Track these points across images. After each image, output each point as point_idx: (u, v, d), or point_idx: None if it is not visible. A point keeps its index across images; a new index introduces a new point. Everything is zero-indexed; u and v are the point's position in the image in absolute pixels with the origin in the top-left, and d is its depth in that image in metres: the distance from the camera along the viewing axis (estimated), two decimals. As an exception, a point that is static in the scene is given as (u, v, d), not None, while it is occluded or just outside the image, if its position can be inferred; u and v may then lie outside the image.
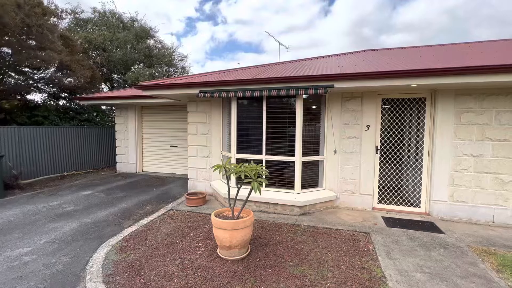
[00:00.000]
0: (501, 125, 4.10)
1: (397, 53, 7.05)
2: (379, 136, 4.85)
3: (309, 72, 4.90)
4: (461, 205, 4.32)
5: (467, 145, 4.26)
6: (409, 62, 4.99)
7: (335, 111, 4.94)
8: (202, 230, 3.96)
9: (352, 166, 4.90)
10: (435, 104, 4.44)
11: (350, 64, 5.54)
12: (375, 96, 4.75)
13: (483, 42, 7.74)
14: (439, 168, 4.41)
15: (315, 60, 7.75)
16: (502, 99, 4.09)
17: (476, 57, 4.88)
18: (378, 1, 60.72)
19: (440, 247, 3.39)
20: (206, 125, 5.88)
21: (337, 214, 4.63)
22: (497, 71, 3.56)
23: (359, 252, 3.26)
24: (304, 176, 4.91)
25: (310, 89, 4.39)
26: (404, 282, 2.64)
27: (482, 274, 2.79)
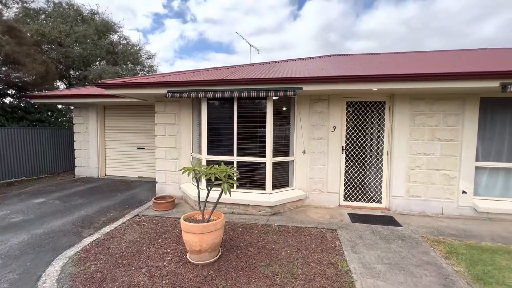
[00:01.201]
0: (447, 126, 4.58)
1: (360, 59, 7.51)
2: (344, 137, 5.11)
3: (279, 74, 5.01)
4: (416, 199, 4.73)
5: (420, 144, 4.68)
6: (370, 68, 5.35)
7: (304, 113, 5.11)
8: (171, 235, 3.82)
9: (320, 165, 5.10)
10: (393, 107, 4.81)
11: (317, 68, 5.77)
12: (340, 99, 5.00)
13: (433, 51, 8.58)
14: (397, 166, 4.79)
15: (284, 63, 7.93)
16: (448, 103, 4.57)
17: (428, 65, 5.39)
18: (342, 8, 64.23)
19: (398, 239, 3.67)
20: (175, 126, 5.69)
21: (306, 213, 4.78)
22: (443, 78, 3.97)
23: (327, 248, 3.40)
24: (274, 177, 4.99)
25: (280, 91, 4.48)
26: (367, 274, 2.81)
27: (433, 261, 3.08)
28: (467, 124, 4.49)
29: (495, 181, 4.61)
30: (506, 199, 4.55)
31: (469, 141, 4.50)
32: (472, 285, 2.62)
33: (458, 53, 7.54)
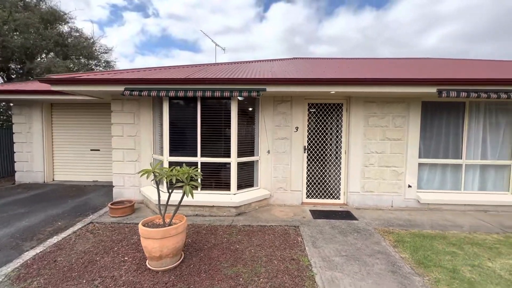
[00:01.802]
0: (396, 127, 5.06)
1: (321, 63, 7.90)
2: (306, 137, 5.33)
3: (244, 75, 5.03)
4: (370, 194, 5.13)
5: (373, 144, 5.09)
6: (330, 71, 5.67)
7: (268, 113, 5.21)
8: (129, 242, 3.59)
9: (284, 165, 5.25)
10: (349, 109, 5.16)
11: (281, 70, 5.93)
12: (302, 101, 5.21)
13: (385, 58, 9.40)
14: (353, 164, 5.15)
15: (250, 63, 8.00)
16: (396, 106, 5.05)
17: (379, 71, 5.88)
18: (307, 13, 66.97)
19: (354, 232, 3.95)
20: (134, 126, 5.36)
21: (271, 211, 4.88)
22: (391, 83, 4.38)
23: (290, 245, 3.51)
24: (240, 177, 5.00)
25: (244, 91, 4.50)
26: (326, 267, 2.97)
27: (383, 250, 3.38)
28: (412, 125, 5.01)
29: (434, 175, 5.22)
30: (442, 191, 5.17)
31: (413, 140, 5.03)
32: (415, 269, 2.92)
33: (405, 61, 8.37)
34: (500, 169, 5.16)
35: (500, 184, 5.18)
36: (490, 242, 3.59)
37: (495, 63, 7.71)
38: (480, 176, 5.19)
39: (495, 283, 2.65)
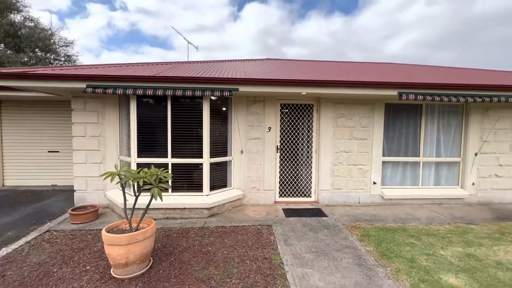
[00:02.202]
0: (362, 127, 5.35)
1: (293, 64, 8.08)
2: (279, 137, 5.42)
3: (217, 74, 4.96)
4: (339, 192, 5.36)
5: (342, 143, 5.33)
6: (301, 73, 5.81)
7: (241, 113, 5.20)
8: (92, 250, 3.36)
9: (257, 165, 5.28)
10: (320, 110, 5.33)
11: (254, 70, 5.95)
12: (275, 101, 5.28)
13: (353, 62, 9.89)
14: (324, 162, 5.34)
15: (223, 63, 7.92)
16: (362, 108, 5.33)
17: (347, 74, 6.16)
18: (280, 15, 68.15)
19: (324, 228, 4.09)
20: (98, 125, 5.02)
21: (244, 211, 4.88)
22: (358, 86, 4.62)
23: (262, 244, 3.54)
24: (213, 177, 4.93)
25: (217, 91, 4.44)
26: (297, 264, 3.04)
27: (351, 245, 3.55)
28: (376, 125, 5.33)
29: (396, 172, 5.61)
30: (403, 187, 5.58)
31: (378, 140, 5.35)
32: (379, 261, 3.11)
33: (371, 65, 8.88)
34: (451, 166, 5.70)
35: (452, 179, 5.72)
36: (443, 232, 3.94)
37: (448, 69, 8.50)
38: (435, 172, 5.68)
39: (447, 269, 2.92)
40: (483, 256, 3.22)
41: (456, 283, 2.65)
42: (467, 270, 2.90)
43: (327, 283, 2.68)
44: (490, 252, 3.32)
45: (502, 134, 5.54)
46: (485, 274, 2.83)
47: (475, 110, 5.46)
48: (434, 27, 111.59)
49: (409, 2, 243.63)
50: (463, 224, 4.32)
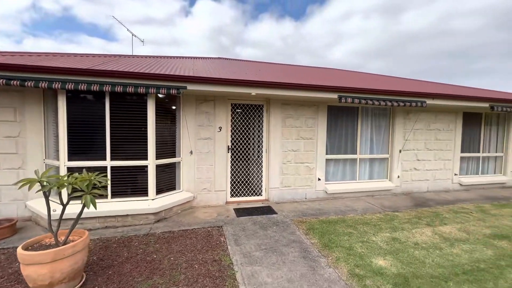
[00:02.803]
0: (308, 127, 5.70)
1: (244, 65, 8.15)
2: (230, 136, 5.40)
3: (163, 70, 4.69)
4: (288, 189, 5.62)
5: (289, 142, 5.59)
6: (251, 74, 5.90)
7: (190, 112, 5.01)
8: (6, 272, 2.82)
9: (208, 165, 5.17)
10: (269, 110, 5.49)
11: (204, 69, 5.81)
12: (225, 101, 5.24)
13: (301, 66, 10.46)
14: (273, 161, 5.52)
15: (171, 59, 7.54)
16: (308, 109, 5.68)
17: (295, 77, 6.49)
18: (233, 15, 68.18)
19: (273, 225, 4.23)
20: (16, 124, 4.25)
21: (194, 214, 4.73)
22: (303, 88, 4.90)
23: (212, 246, 3.47)
24: (159, 180, 4.64)
25: (163, 88, 4.20)
26: (247, 263, 3.07)
27: (297, 239, 3.74)
28: (320, 126, 5.74)
29: (337, 169, 6.14)
30: (343, 182, 6.14)
31: (322, 139, 5.77)
32: (321, 252, 3.35)
33: (316, 70, 9.53)
34: (382, 162, 6.50)
35: (382, 173, 6.52)
36: (375, 221, 4.47)
37: (381, 77, 9.67)
38: (369, 168, 6.40)
39: (377, 253, 3.31)
40: (404, 239, 3.74)
41: (384, 264, 3.03)
42: (392, 252, 3.34)
43: (275, 278, 2.77)
44: (410, 235, 3.89)
45: (419, 133, 6.55)
46: (406, 254, 3.30)
47: (399, 113, 6.34)
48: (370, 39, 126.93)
49: (349, 15, 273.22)
50: (390, 212, 4.96)
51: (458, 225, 4.30)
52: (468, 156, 7.23)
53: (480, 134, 7.31)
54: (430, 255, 3.27)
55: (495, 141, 7.52)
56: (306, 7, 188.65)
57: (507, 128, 7.48)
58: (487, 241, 3.70)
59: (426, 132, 6.61)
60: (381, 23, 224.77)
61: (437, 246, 3.54)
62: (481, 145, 7.34)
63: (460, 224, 4.37)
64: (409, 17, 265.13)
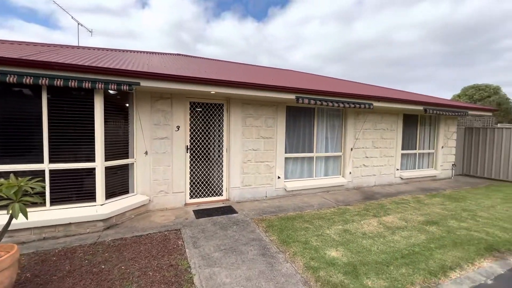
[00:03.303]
0: (268, 127, 5.81)
1: (205, 63, 7.97)
2: (188, 136, 5.22)
3: (113, 64, 4.32)
4: (248, 188, 5.66)
5: (250, 142, 5.63)
6: (211, 72, 5.79)
7: (145, 110, 4.72)
8: None
9: (165, 166, 4.93)
10: (229, 109, 5.46)
11: (161, 65, 5.52)
12: (184, 99, 5.05)
13: (263, 67, 10.62)
14: (234, 161, 5.50)
15: (124, 53, 7.03)
16: (268, 109, 5.79)
17: (256, 77, 6.56)
18: (195, 11, 66.18)
19: (234, 225, 4.22)
20: None
21: (150, 218, 4.46)
22: (263, 88, 4.98)
23: (169, 251, 3.32)
24: (110, 184, 4.27)
25: (112, 84, 3.87)
26: (205, 265, 3.00)
27: (257, 237, 3.79)
28: (279, 125, 5.90)
29: (296, 167, 6.39)
30: (301, 179, 6.42)
31: (281, 138, 5.95)
32: (280, 248, 3.45)
33: (276, 71, 9.78)
34: (336, 159, 6.96)
35: (336, 170, 6.99)
36: (329, 215, 4.76)
37: (335, 80, 10.33)
38: (325, 165, 6.80)
39: (330, 245, 3.53)
40: (354, 230, 4.06)
41: (336, 255, 3.24)
42: (343, 243, 3.60)
43: (234, 277, 2.76)
44: (359, 226, 4.23)
45: (367, 133, 7.17)
46: (355, 244, 3.58)
47: (350, 114, 6.85)
48: (327, 44, 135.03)
49: (308, 19, 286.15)
50: (343, 206, 5.34)
51: (399, 215, 4.82)
52: (408, 153, 8.16)
53: (416, 134, 8.31)
54: (376, 243, 3.61)
55: (428, 139, 8.62)
56: (268, 8, 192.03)
57: (437, 128, 8.64)
58: (421, 227, 4.23)
59: (374, 131, 7.27)
60: (337, 30, 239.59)
61: (381, 234, 3.92)
62: (418, 143, 8.35)
63: (400, 213, 4.91)
64: (360, 26, 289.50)
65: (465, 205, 5.59)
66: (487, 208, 5.36)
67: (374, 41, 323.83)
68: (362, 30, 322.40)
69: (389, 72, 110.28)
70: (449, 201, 5.86)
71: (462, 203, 5.75)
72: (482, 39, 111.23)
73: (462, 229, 4.18)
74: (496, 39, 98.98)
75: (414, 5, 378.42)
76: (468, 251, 3.45)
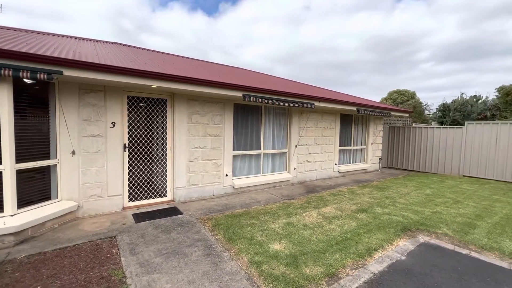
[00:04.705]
0: (215, 124, 5.71)
1: (147, 54, 7.37)
2: (126, 133, 4.76)
3: (26, 48, 3.64)
4: (195, 187, 5.48)
5: (196, 139, 5.45)
6: (154, 65, 5.38)
7: (71, 104, 4.11)
8: None
9: (98, 167, 4.39)
10: (174, 105, 5.17)
11: (91, 53, 4.88)
12: (120, 92, 4.57)
13: (211, 62, 10.36)
14: (179, 159, 5.25)
15: (46, 36, 6.04)
16: (215, 106, 5.68)
17: (203, 73, 6.35)
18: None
19: (178, 226, 4.03)
20: None
21: (79, 226, 3.93)
22: (208, 84, 4.86)
23: (101, 262, 2.97)
24: (24, 190, 3.61)
25: (25, 71, 3.25)
26: (144, 273, 2.79)
27: (202, 237, 3.69)
28: (227, 123, 5.86)
29: (244, 164, 6.45)
30: (249, 176, 6.52)
31: (229, 136, 5.91)
32: (225, 246, 3.43)
33: (224, 67, 9.67)
34: (282, 156, 7.27)
35: (282, 166, 7.31)
36: (274, 209, 4.94)
37: (281, 79, 10.75)
38: (272, 162, 7.04)
39: (274, 239, 3.66)
40: (297, 222, 4.31)
41: (279, 248, 3.38)
42: (286, 236, 3.78)
43: (175, 282, 2.63)
44: (301, 218, 4.50)
45: (310, 131, 7.68)
46: (297, 235, 3.80)
47: (295, 113, 7.23)
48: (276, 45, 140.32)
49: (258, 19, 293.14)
50: (287, 200, 5.61)
51: (335, 205, 5.31)
52: (344, 149, 9.04)
53: (351, 131, 9.27)
54: (315, 233, 3.89)
55: (361, 137, 9.71)
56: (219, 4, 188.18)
57: (368, 127, 9.79)
58: (353, 215, 4.73)
59: (315, 129, 7.83)
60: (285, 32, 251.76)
61: (320, 224, 4.25)
62: (352, 140, 9.33)
63: (336, 204, 5.41)
64: (306, 30, 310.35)
65: (388, 193, 6.48)
66: (404, 195, 6.32)
67: (319, 46, 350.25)
68: (309, 34, 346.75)
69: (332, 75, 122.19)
70: (376, 191, 6.71)
71: (386, 191, 6.65)
72: (404, 51, 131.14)
73: (384, 215, 4.82)
74: (412, 52, 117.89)
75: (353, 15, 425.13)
76: (388, 233, 3.99)
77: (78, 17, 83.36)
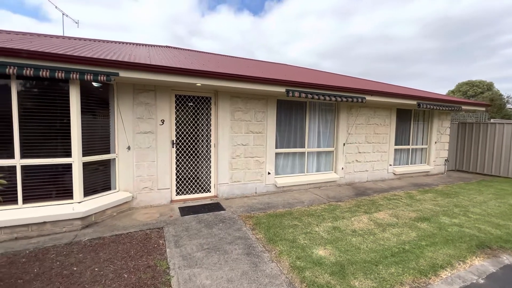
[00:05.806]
0: (257, 121, 5.62)
1: (194, 55, 7.70)
2: (174, 130, 5.00)
3: (90, 54, 4.06)
4: (237, 184, 5.49)
5: (239, 136, 5.44)
6: (198, 64, 5.55)
7: (127, 103, 4.48)
8: None
9: (149, 162, 4.72)
10: (217, 103, 5.25)
11: (144, 55, 5.26)
12: (169, 91, 4.82)
13: (255, 60, 10.36)
14: (222, 156, 5.31)
15: (107, 43, 6.72)
16: (258, 102, 5.59)
17: (245, 70, 6.33)
18: (189, 3, 64.86)
19: (220, 222, 4.06)
20: None
21: (133, 216, 4.27)
22: (252, 80, 4.77)
23: (148, 251, 3.14)
24: (89, 180, 4.06)
25: (88, 74, 3.62)
26: (186, 266, 2.84)
27: (243, 235, 3.63)
28: (270, 119, 5.72)
29: (287, 162, 6.23)
30: (292, 175, 6.27)
31: (271, 133, 5.77)
32: (266, 247, 3.30)
33: (268, 64, 9.54)
34: (328, 154, 6.82)
35: (328, 165, 6.85)
36: (319, 211, 4.62)
37: (327, 74, 10.15)
38: (317, 161, 6.66)
39: (318, 243, 3.39)
40: (344, 227, 3.93)
41: (324, 254, 3.10)
42: (332, 241, 3.46)
43: (214, 279, 2.60)
44: (349, 223, 4.10)
45: (360, 128, 7.03)
46: (344, 242, 3.45)
47: (343, 108, 6.70)
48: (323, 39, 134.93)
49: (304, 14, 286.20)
50: (334, 202, 5.21)
51: (390, 211, 4.71)
52: (401, 148, 8.07)
53: (410, 129, 8.21)
54: (365, 241, 3.48)
55: (421, 134, 8.54)
56: (265, 2, 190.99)
57: (430, 124, 8.55)
58: (412, 224, 4.12)
59: (366, 126, 7.14)
60: (333, 24, 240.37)
61: (371, 232, 3.80)
62: (411, 138, 8.26)
63: (391, 210, 4.80)
64: (356, 21, 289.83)
65: (457, 201, 5.52)
66: (479, 204, 5.30)
67: (371, 37, 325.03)
68: (359, 23, 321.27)
69: (386, 68, 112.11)
70: (441, 197, 5.78)
71: (454, 198, 5.68)
72: (478, 35, 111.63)
73: (453, 226, 4.08)
74: (491, 35, 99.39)
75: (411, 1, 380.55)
76: (459, 248, 3.34)
77: (140, 28, 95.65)
